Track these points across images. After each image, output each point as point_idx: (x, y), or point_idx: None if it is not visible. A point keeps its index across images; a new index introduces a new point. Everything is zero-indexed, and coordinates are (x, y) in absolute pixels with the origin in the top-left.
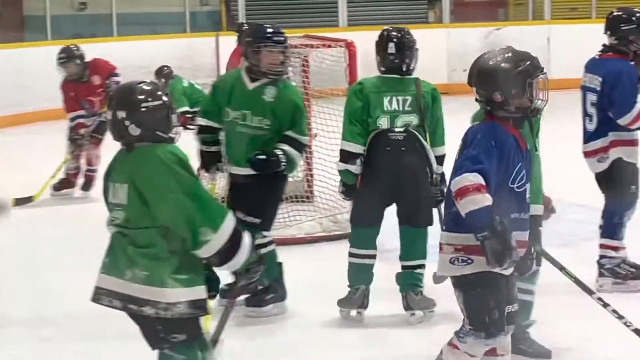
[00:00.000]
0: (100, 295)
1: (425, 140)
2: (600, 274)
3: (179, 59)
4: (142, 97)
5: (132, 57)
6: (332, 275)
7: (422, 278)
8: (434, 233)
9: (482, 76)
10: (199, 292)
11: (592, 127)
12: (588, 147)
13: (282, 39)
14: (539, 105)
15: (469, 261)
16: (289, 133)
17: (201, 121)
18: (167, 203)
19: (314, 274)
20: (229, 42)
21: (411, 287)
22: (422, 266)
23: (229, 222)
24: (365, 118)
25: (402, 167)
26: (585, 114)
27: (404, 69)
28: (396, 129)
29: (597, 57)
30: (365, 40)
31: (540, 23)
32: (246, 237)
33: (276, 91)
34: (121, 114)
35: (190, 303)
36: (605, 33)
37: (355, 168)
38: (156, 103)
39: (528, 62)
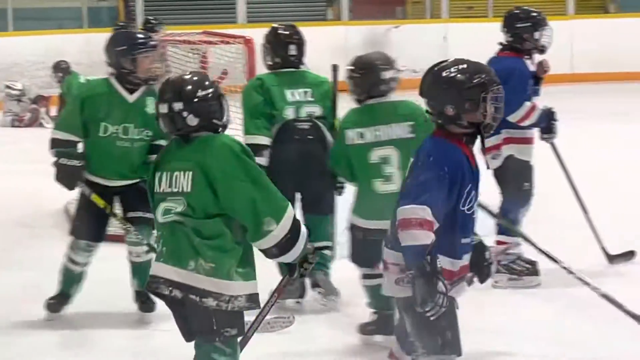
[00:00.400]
0: (159, 284)
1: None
2: (497, 270)
3: (76, 55)
4: (195, 87)
5: (28, 52)
6: None
7: (329, 259)
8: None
9: (434, 87)
10: (255, 286)
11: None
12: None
13: (155, 42)
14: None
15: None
16: (162, 142)
17: (58, 134)
18: (235, 192)
19: None
20: None
21: (318, 266)
22: (328, 247)
23: (290, 212)
24: (268, 111)
25: (309, 155)
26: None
27: (299, 63)
28: (301, 119)
29: (495, 55)
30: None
31: (437, 21)
32: (303, 228)
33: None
34: (178, 106)
35: (248, 297)
36: (502, 31)
37: (265, 160)
38: (209, 92)
39: (484, 75)
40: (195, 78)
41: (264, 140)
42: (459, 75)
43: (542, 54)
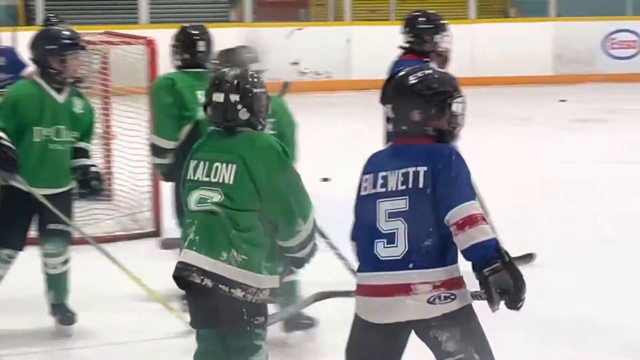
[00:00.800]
0: (191, 272)
1: None
2: None
3: None
4: (253, 83)
5: None
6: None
7: None
8: None
9: (399, 93)
10: (277, 280)
11: (390, 127)
12: None
13: (83, 42)
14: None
15: (452, 297)
16: (85, 145)
17: None
18: (275, 192)
19: (112, 274)
20: (27, 37)
21: None
22: None
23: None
24: (178, 112)
25: None
26: (386, 115)
27: (207, 61)
28: None
29: (397, 59)
30: (167, 37)
31: (340, 24)
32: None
33: (82, 101)
34: (234, 98)
35: (271, 290)
36: (404, 32)
37: (169, 160)
38: (262, 90)
39: (448, 83)
40: (253, 74)
41: (169, 144)
42: (425, 82)
43: (441, 59)
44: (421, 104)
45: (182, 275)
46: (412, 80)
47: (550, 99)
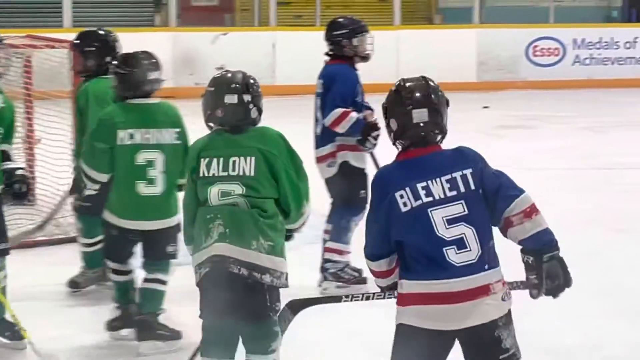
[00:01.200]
0: (229, 264)
1: None
2: (324, 278)
3: None
4: (257, 83)
5: None
6: (57, 280)
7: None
8: None
9: (433, 99)
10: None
11: (319, 131)
12: (319, 153)
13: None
14: None
15: (510, 294)
16: (7, 147)
17: None
18: (287, 178)
19: (35, 279)
20: None
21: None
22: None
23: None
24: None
25: None
26: (315, 119)
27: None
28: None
29: (325, 64)
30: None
31: (266, 29)
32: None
33: (1, 95)
34: (247, 98)
35: (286, 275)
36: (325, 39)
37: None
38: (260, 91)
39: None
40: (249, 75)
41: (103, 177)
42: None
43: (365, 61)
44: (444, 110)
45: (223, 268)
46: (434, 86)
47: (474, 105)
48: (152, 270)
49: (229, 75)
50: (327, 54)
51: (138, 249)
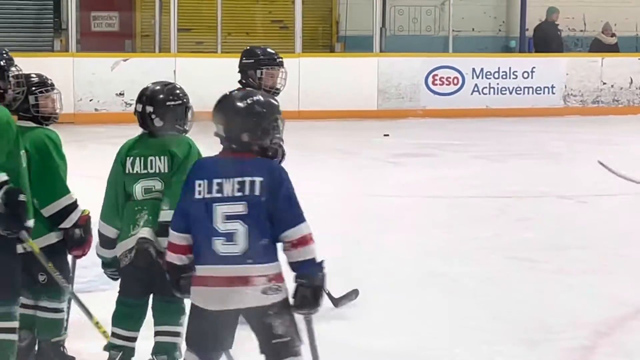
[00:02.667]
0: (150, 245)
1: None
2: None
3: None
4: (166, 96)
5: None
6: None
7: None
8: None
9: (229, 115)
10: None
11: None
12: None
13: None
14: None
15: (280, 289)
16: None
17: None
18: (177, 178)
19: None
20: None
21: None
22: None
23: None
24: None
25: None
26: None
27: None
28: None
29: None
30: None
31: (166, 56)
32: None
33: None
34: (149, 109)
35: None
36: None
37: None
38: (176, 102)
39: (273, 106)
40: (170, 88)
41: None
42: (255, 106)
43: (276, 94)
44: (250, 126)
45: (143, 247)
46: (241, 103)
47: (375, 133)
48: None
49: (151, 85)
50: (239, 82)
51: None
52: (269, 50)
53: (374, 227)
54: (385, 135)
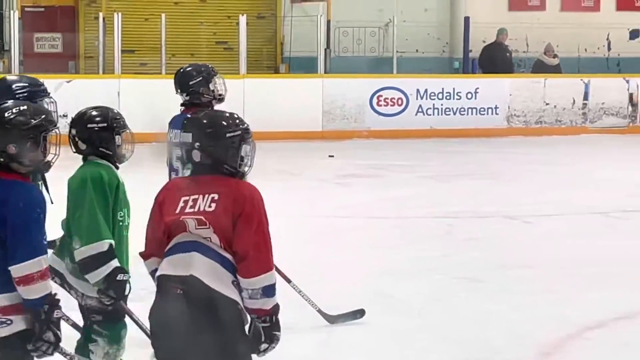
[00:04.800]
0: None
1: None
2: None
3: None
4: (91, 119)
5: None
6: None
7: None
8: None
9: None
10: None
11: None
12: None
13: None
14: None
15: (9, 322)
16: None
17: None
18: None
19: None
20: None
21: None
22: None
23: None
24: None
25: None
26: (172, 169)
27: None
28: None
29: (179, 114)
30: None
31: (110, 77)
32: None
33: None
34: (73, 132)
35: (97, 300)
36: (177, 92)
37: None
38: (100, 126)
39: (43, 117)
40: (93, 112)
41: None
42: (19, 117)
43: (221, 103)
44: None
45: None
46: (216, 119)
47: (320, 154)
48: None
49: (84, 108)
50: (183, 104)
51: None
52: (199, 63)
53: (321, 248)
54: (330, 156)
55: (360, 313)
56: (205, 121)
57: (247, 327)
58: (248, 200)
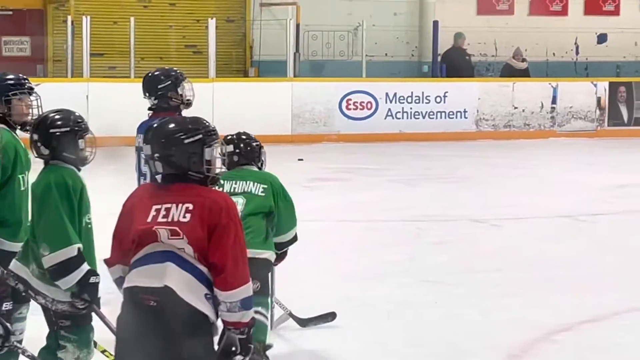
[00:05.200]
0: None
1: None
2: None
3: None
4: (51, 124)
5: None
6: None
7: None
8: None
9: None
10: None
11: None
12: None
13: None
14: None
15: None
16: None
17: None
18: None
19: None
20: None
21: None
22: None
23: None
24: None
25: None
26: (140, 173)
27: None
28: None
29: (147, 119)
30: None
31: (79, 80)
32: None
33: None
34: (35, 137)
35: (59, 302)
36: (145, 96)
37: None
38: (62, 130)
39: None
40: (55, 116)
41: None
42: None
43: (189, 107)
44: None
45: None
46: (171, 127)
47: (289, 158)
48: None
49: (45, 113)
50: (151, 109)
51: None
52: (167, 68)
53: (290, 252)
54: (299, 159)
55: (331, 316)
56: (160, 131)
57: (216, 339)
58: (224, 211)
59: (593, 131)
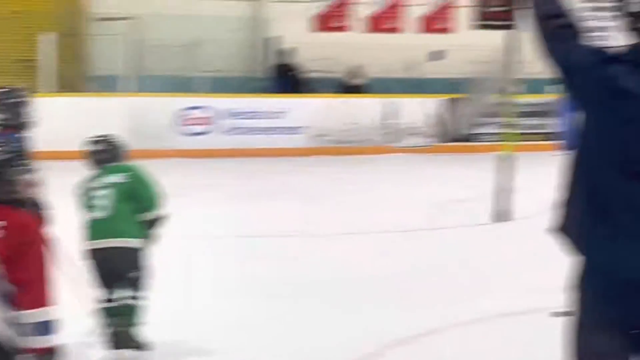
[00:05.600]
0: None
1: None
2: None
3: None
4: None
5: None
6: None
7: None
8: None
9: None
10: None
11: None
12: None
13: None
14: None
15: None
16: None
17: None
18: None
19: None
20: None
21: None
22: None
23: None
24: None
25: None
26: None
27: None
28: None
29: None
30: None
31: None
32: None
33: None
34: None
35: None
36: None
37: None
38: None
39: None
40: None
41: None
42: None
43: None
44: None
45: None
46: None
47: None
48: None
49: None
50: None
51: None
52: (15, 86)
53: None
54: None
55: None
56: None
57: None
58: (31, 232)
59: (428, 147)
